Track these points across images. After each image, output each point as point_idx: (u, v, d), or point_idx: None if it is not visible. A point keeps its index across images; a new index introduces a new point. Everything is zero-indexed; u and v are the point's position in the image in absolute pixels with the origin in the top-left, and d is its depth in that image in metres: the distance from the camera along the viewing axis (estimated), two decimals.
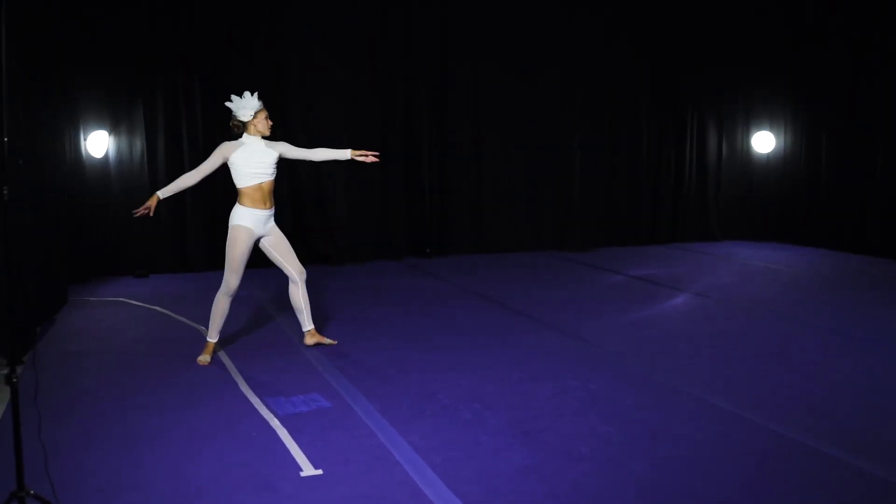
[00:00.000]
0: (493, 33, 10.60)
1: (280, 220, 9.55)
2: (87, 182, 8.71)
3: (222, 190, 9.43)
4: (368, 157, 5.95)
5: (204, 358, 5.65)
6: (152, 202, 5.54)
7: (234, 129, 5.76)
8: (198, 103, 9.23)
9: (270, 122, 5.78)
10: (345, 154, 5.95)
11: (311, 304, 6.09)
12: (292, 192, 9.79)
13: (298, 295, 5.95)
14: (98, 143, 8.74)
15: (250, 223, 5.65)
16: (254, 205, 5.67)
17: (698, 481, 3.75)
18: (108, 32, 8.71)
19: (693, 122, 11.90)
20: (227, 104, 5.72)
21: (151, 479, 3.77)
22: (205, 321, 6.74)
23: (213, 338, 5.74)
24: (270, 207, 5.79)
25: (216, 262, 9.35)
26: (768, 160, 11.93)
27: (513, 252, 10.85)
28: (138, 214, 5.56)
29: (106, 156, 8.88)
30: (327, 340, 6.07)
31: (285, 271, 5.92)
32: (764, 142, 11.87)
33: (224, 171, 9.23)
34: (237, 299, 7.67)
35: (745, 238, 12.02)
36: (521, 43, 10.75)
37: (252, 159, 5.66)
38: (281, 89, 9.64)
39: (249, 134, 5.70)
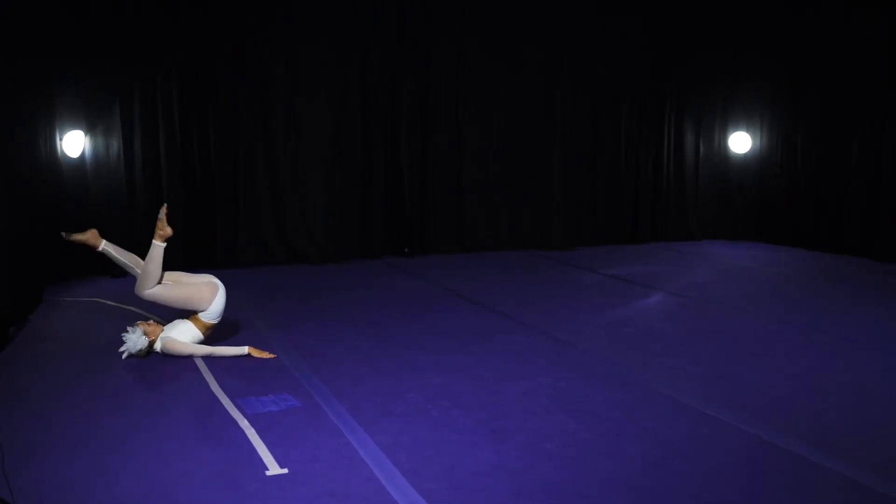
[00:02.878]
0: (476, 33, 10.61)
1: (259, 220, 9.67)
2: (63, 182, 8.65)
3: (199, 188, 9.44)
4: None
5: None
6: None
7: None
8: (175, 103, 9.17)
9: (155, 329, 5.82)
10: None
11: (289, 302, 6.20)
12: (272, 191, 9.78)
13: None
14: (74, 143, 8.68)
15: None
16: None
17: (665, 478, 3.78)
18: (89, 30, 8.61)
19: (671, 121, 11.96)
20: (122, 349, 5.71)
21: (118, 478, 3.76)
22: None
23: None
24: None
25: (194, 261, 9.37)
26: (745, 160, 12.00)
27: (494, 251, 10.87)
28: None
29: (82, 156, 8.82)
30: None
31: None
32: (741, 142, 11.95)
33: (203, 165, 9.32)
34: None
35: (723, 237, 12.09)
36: (504, 42, 10.76)
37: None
38: (264, 83, 9.60)
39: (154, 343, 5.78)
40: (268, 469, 3.84)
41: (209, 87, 9.34)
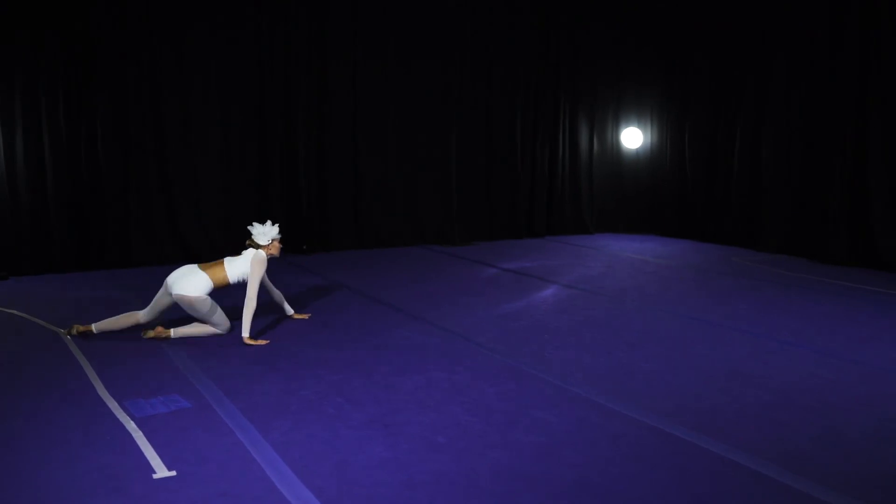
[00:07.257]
0: (371, 27, 10.63)
1: (151, 219, 9.43)
2: None
3: (87, 185, 9.12)
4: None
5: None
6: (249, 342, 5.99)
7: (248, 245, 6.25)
8: (60, 96, 8.82)
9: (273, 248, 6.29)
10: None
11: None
12: (165, 189, 9.55)
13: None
14: None
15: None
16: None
17: (553, 465, 3.88)
18: None
19: (565, 118, 12.24)
20: (250, 227, 6.27)
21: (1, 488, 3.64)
22: (64, 323, 6.53)
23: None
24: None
25: (83, 262, 9.07)
26: (637, 155, 12.38)
27: (392, 247, 10.92)
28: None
29: None
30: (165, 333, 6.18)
31: None
32: (632, 137, 12.31)
33: (90, 160, 8.99)
34: (102, 300, 7.49)
35: (617, 230, 12.46)
36: (398, 37, 10.81)
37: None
38: (157, 84, 9.36)
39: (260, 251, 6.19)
40: (155, 472, 3.77)
41: (96, 79, 9.01)
